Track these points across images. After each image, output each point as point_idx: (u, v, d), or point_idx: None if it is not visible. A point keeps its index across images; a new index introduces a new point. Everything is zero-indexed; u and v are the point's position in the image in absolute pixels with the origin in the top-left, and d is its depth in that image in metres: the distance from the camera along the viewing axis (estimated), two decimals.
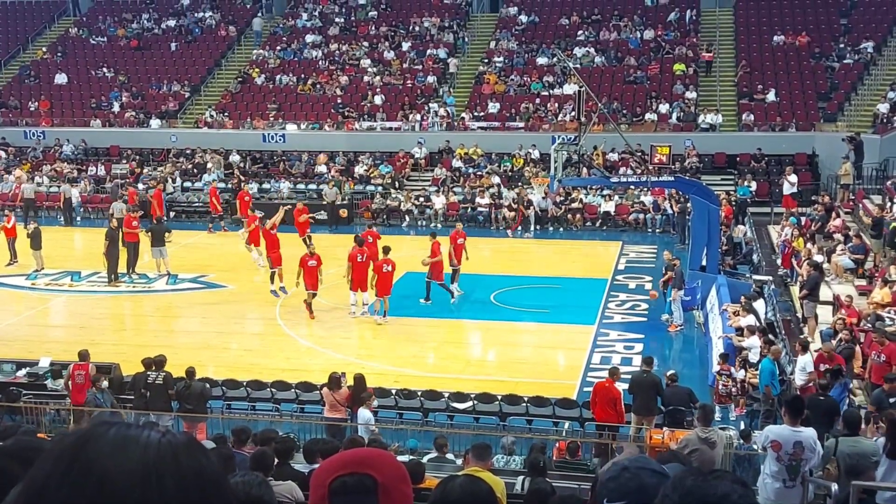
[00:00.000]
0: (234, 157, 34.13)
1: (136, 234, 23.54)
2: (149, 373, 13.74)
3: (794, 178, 27.45)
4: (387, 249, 19.60)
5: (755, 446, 10.93)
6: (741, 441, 11.58)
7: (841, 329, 15.00)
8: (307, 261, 19.56)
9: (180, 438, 1.34)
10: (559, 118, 32.91)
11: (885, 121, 29.64)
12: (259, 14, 41.88)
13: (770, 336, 15.65)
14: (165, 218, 29.20)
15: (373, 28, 39.59)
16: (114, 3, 44.63)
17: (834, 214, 23.09)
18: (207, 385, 14.11)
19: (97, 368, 14.23)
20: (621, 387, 13.44)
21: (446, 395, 14.46)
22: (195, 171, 33.54)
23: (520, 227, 28.74)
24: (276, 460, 8.21)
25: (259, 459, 7.79)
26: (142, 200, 30.83)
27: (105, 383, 13.65)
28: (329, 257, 21.70)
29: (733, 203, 26.55)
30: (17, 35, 43.33)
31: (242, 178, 32.17)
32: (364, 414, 12.69)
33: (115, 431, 1.32)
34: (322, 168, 32.92)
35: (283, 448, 8.72)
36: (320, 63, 38.05)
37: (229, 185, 31.63)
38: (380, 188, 31.43)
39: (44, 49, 41.69)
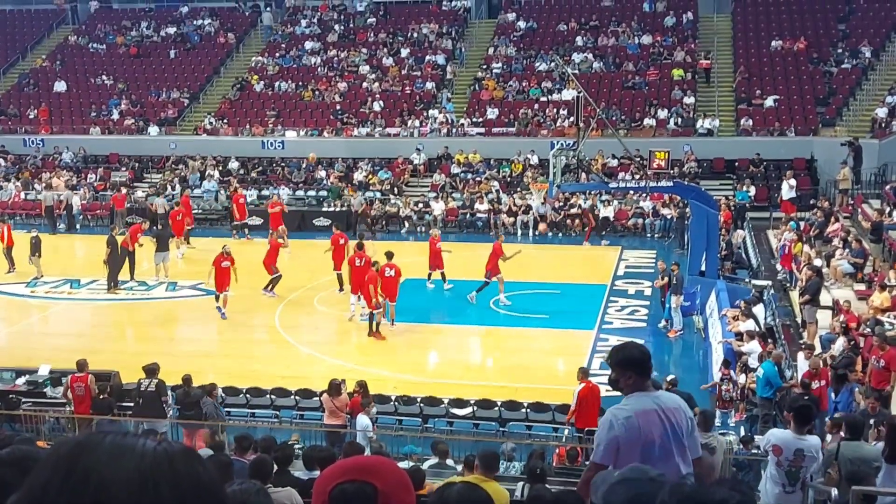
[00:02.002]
0: (233, 164, 34.17)
1: (133, 239, 23.45)
2: (141, 380, 13.72)
3: (792, 181, 27.47)
4: (390, 255, 19.68)
5: (755, 451, 10.92)
6: (741, 446, 11.57)
7: (841, 333, 15.01)
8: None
9: (176, 447, 1.35)
10: (558, 124, 32.95)
11: (883, 125, 29.68)
12: (268, 9, 42.03)
13: (769, 341, 15.66)
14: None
15: (371, 35, 39.65)
16: (113, 11, 44.71)
17: (833, 219, 23.11)
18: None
19: (96, 377, 14.23)
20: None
21: (446, 401, 14.45)
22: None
23: (593, 234, 27.66)
24: (276, 467, 8.20)
25: (258, 467, 7.78)
26: (141, 207, 30.91)
27: (219, 391, 13.58)
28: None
29: (732, 208, 26.58)
30: (16, 43, 43.38)
31: (239, 185, 32.18)
32: (362, 420, 12.68)
33: (111, 440, 1.33)
34: (320, 172, 32.96)
35: (283, 455, 8.72)
36: (319, 70, 38.11)
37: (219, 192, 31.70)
38: (379, 194, 31.45)
39: (43, 57, 41.73)
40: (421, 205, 30.64)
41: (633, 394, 4.30)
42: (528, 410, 14.03)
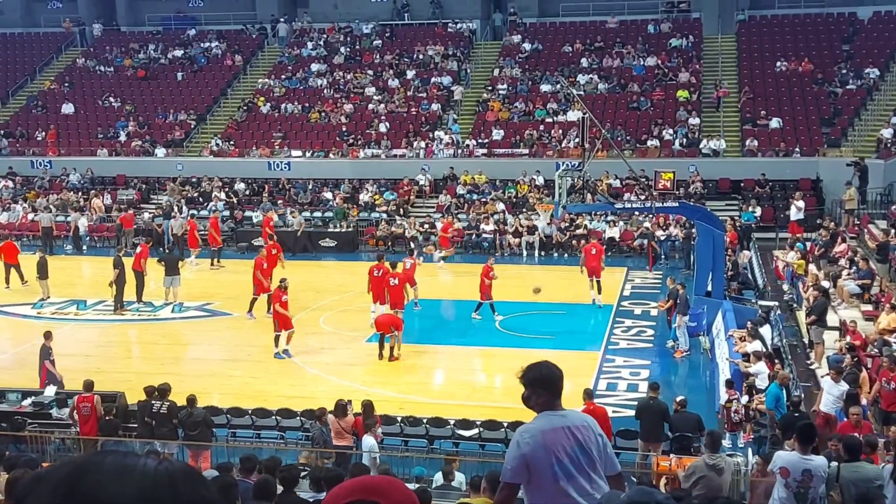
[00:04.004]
0: (240, 185, 34.28)
1: (136, 261, 23.47)
2: (153, 402, 13.73)
3: (801, 203, 27.43)
4: (394, 264, 20.71)
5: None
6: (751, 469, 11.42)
7: (847, 353, 14.93)
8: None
9: (177, 466, 1.34)
10: (563, 145, 33.02)
11: (889, 146, 29.67)
12: (283, 19, 42.35)
13: (776, 361, 15.57)
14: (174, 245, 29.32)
15: (377, 56, 39.87)
16: (121, 34, 45.04)
17: (840, 239, 23.06)
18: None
19: (102, 398, 14.22)
20: (628, 413, 13.35)
21: (452, 422, 14.39)
22: (201, 199, 33.68)
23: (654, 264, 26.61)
24: (282, 488, 8.17)
25: (262, 487, 7.77)
26: (148, 229, 31.01)
27: (330, 417, 13.55)
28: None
29: (738, 228, 26.53)
30: (24, 66, 43.71)
31: (238, 206, 32.28)
32: (367, 441, 12.63)
33: (113, 460, 1.32)
34: (326, 193, 33.07)
35: (289, 476, 8.68)
36: (325, 91, 38.30)
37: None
38: (384, 215, 31.50)
39: (51, 79, 42.04)
40: (427, 225, 30.67)
41: (543, 413, 4.32)
42: None
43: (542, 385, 4.39)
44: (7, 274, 25.57)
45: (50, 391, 15.71)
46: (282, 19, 42.60)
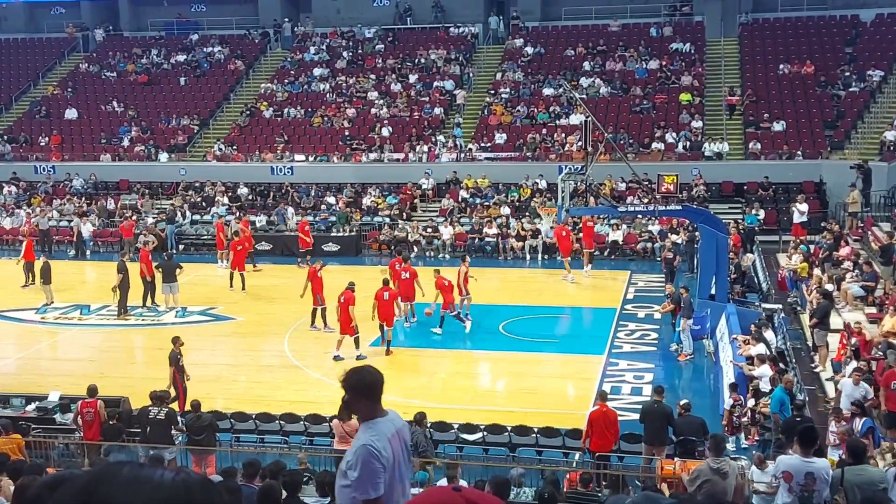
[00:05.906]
0: (242, 190, 34.33)
1: (149, 268, 23.50)
2: (151, 408, 13.67)
3: (804, 206, 27.42)
4: (405, 257, 21.76)
5: (767, 476, 10.80)
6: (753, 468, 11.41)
7: (852, 356, 14.91)
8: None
9: (193, 477, 1.35)
10: (566, 148, 33.02)
11: (892, 148, 29.63)
12: (287, 20, 42.44)
13: (780, 365, 15.55)
14: (175, 251, 29.37)
15: (380, 61, 39.92)
16: (124, 39, 45.14)
17: (843, 242, 23.03)
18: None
19: (105, 403, 14.22)
20: (632, 417, 13.33)
21: (455, 426, 14.39)
22: (204, 204, 33.72)
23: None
24: (286, 493, 8.18)
25: (267, 493, 7.77)
26: (153, 233, 31.02)
27: (335, 421, 13.41)
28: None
29: (741, 231, 26.50)
30: (27, 71, 43.81)
31: (240, 210, 32.31)
32: None
33: (129, 471, 1.33)
34: (329, 198, 33.12)
35: (292, 481, 8.69)
36: (328, 96, 38.35)
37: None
38: (387, 219, 31.52)
39: (54, 84, 42.12)
40: (430, 229, 30.68)
41: (376, 420, 4.19)
42: (539, 435, 13.95)
43: (366, 392, 4.22)
44: (26, 273, 26.02)
45: (53, 396, 15.73)
46: (286, 20, 42.75)
